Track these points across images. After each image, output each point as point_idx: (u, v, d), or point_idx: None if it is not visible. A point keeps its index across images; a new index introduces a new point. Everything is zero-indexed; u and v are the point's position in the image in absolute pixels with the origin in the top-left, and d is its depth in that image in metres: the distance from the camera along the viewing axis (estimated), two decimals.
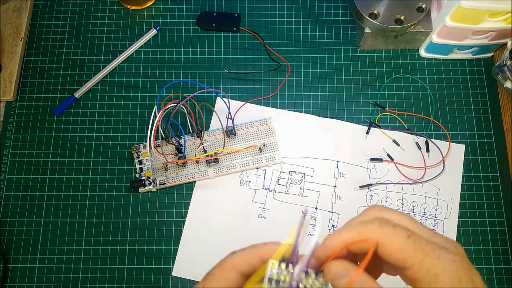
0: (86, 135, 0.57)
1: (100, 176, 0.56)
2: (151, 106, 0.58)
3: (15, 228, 0.54)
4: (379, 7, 0.54)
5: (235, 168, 0.54)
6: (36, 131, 0.58)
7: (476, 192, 0.54)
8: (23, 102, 0.59)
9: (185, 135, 0.55)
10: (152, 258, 0.53)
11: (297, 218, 0.58)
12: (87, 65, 0.60)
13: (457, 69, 0.59)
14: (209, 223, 0.53)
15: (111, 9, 0.63)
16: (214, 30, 0.61)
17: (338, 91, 0.58)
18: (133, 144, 0.56)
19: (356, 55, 0.60)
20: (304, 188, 0.54)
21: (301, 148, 0.56)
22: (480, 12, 0.48)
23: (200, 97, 0.58)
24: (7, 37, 0.60)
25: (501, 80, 0.54)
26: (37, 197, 0.55)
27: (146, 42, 0.61)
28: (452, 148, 0.55)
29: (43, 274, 0.52)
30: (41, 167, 0.56)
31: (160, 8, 0.63)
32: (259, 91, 0.59)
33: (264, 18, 0.62)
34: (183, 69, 0.60)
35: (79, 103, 0.59)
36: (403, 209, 0.53)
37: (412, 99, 0.58)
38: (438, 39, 0.55)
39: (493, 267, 0.52)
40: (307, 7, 0.62)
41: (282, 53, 0.60)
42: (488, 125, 0.57)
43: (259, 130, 0.56)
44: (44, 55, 0.61)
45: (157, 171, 0.54)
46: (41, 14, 0.62)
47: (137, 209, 0.54)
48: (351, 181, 0.54)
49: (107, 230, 0.54)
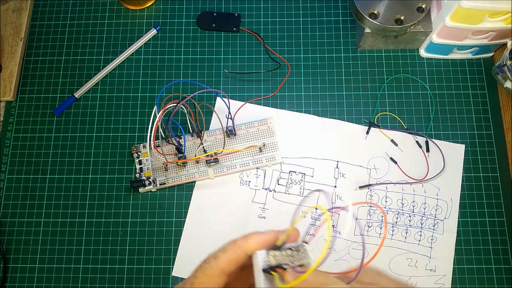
0: (86, 135, 0.57)
1: (100, 176, 0.56)
2: (151, 106, 0.58)
3: (15, 228, 0.54)
4: (379, 7, 0.54)
5: (235, 168, 0.54)
6: (36, 131, 0.57)
7: (476, 192, 0.54)
8: (23, 102, 0.59)
9: (185, 135, 0.55)
10: (152, 258, 0.53)
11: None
12: (87, 65, 0.60)
13: (457, 69, 0.59)
14: (209, 223, 0.53)
15: (111, 9, 0.63)
16: (214, 30, 0.61)
17: (338, 91, 0.58)
18: (133, 144, 0.56)
19: (356, 55, 0.60)
20: (304, 188, 0.54)
21: (301, 148, 0.56)
22: (480, 12, 0.48)
23: (200, 97, 0.58)
24: (7, 37, 0.60)
25: (501, 80, 0.54)
26: (37, 197, 0.55)
27: (146, 42, 0.61)
28: (452, 148, 0.55)
29: (43, 274, 0.52)
30: (41, 167, 0.56)
31: (160, 8, 0.63)
32: (259, 91, 0.59)
33: (264, 18, 0.62)
34: (183, 69, 0.60)
35: (79, 103, 0.59)
36: (403, 209, 0.53)
37: (412, 99, 0.58)
38: (438, 39, 0.55)
39: (493, 267, 0.52)
40: (307, 7, 0.62)
41: (282, 53, 0.60)
42: (488, 125, 0.57)
43: (259, 130, 0.56)
44: (44, 55, 0.61)
45: (157, 171, 0.54)
46: (41, 14, 0.62)
47: (137, 209, 0.54)
48: (351, 181, 0.54)
49: (107, 230, 0.54)
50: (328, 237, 0.24)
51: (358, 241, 0.52)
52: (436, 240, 0.52)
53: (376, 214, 0.53)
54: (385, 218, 0.49)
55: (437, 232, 0.53)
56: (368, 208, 0.53)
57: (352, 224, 0.47)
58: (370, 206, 0.53)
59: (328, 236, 0.23)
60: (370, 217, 0.53)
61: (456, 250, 0.52)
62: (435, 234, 0.53)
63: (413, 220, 0.53)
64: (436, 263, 0.52)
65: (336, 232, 0.53)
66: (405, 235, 0.53)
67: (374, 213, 0.53)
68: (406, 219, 0.53)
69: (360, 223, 0.52)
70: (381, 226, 0.53)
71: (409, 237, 0.53)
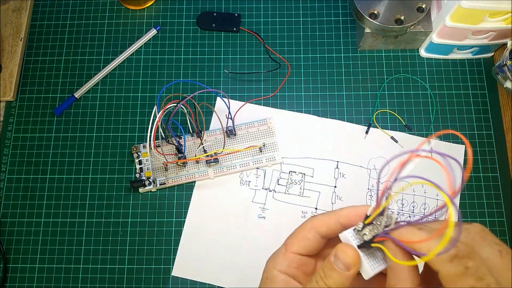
0: (86, 135, 0.57)
1: (100, 176, 0.56)
2: (151, 106, 0.58)
3: (15, 228, 0.54)
4: (379, 7, 0.54)
5: (235, 168, 0.54)
6: (36, 131, 0.58)
7: (476, 192, 0.54)
8: (23, 102, 0.59)
9: (185, 135, 0.55)
10: (152, 258, 0.53)
11: (297, 218, 0.58)
12: (87, 65, 0.60)
13: (457, 69, 0.59)
14: (209, 223, 0.53)
15: (111, 9, 0.63)
16: (214, 30, 0.61)
17: (338, 91, 0.58)
18: (133, 144, 0.56)
19: (356, 55, 0.60)
20: (304, 188, 0.54)
21: (301, 148, 0.56)
22: (480, 12, 0.48)
23: (200, 97, 0.58)
24: (7, 37, 0.60)
25: (501, 80, 0.54)
26: (37, 197, 0.55)
27: (146, 42, 0.61)
28: (452, 148, 0.55)
29: (43, 274, 0.52)
30: (41, 167, 0.56)
31: (160, 8, 0.63)
32: (259, 91, 0.59)
33: (264, 18, 0.62)
34: (183, 69, 0.60)
35: (79, 103, 0.59)
36: (403, 209, 0.53)
37: (412, 99, 0.58)
38: (438, 39, 0.55)
39: None
40: (307, 7, 0.62)
41: (282, 53, 0.60)
42: (488, 125, 0.57)
43: (259, 130, 0.56)
44: (44, 55, 0.61)
45: (157, 171, 0.54)
46: (41, 14, 0.62)
47: (137, 209, 0.54)
48: (351, 181, 0.54)
49: (107, 230, 0.54)
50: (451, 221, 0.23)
51: None
52: None
53: None
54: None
55: None
56: None
57: None
58: None
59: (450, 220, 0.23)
60: None
61: None
62: None
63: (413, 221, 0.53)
64: None
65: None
66: None
67: None
68: (406, 220, 0.53)
69: None
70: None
71: None
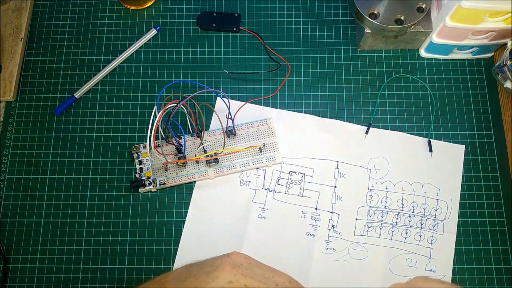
0: (86, 135, 0.57)
1: (100, 176, 0.56)
2: (151, 106, 0.58)
3: (15, 228, 0.54)
4: (379, 7, 0.54)
5: (235, 168, 0.54)
6: (36, 131, 0.58)
7: (476, 192, 0.54)
8: (23, 102, 0.59)
9: (185, 135, 0.55)
10: (152, 258, 0.53)
11: (297, 218, 0.58)
12: (87, 65, 0.60)
13: (457, 69, 0.59)
14: (209, 223, 0.53)
15: (111, 9, 0.63)
16: (214, 30, 0.61)
17: (338, 91, 0.58)
18: (133, 144, 0.56)
19: (356, 55, 0.60)
20: (304, 188, 0.54)
21: (301, 148, 0.56)
22: (480, 12, 0.48)
23: (200, 97, 0.58)
24: (7, 37, 0.60)
25: (501, 80, 0.54)
26: (37, 197, 0.55)
27: (146, 42, 0.61)
28: (452, 148, 0.55)
29: (43, 274, 0.52)
30: (41, 167, 0.56)
31: (160, 8, 0.63)
32: (259, 91, 0.59)
33: (264, 18, 0.62)
34: (183, 69, 0.60)
35: (79, 103, 0.59)
36: (403, 209, 0.53)
37: (412, 99, 0.58)
38: (438, 39, 0.55)
39: (493, 267, 0.52)
40: (307, 7, 0.62)
41: (282, 53, 0.60)
42: (488, 125, 0.57)
43: (259, 130, 0.56)
44: (44, 55, 0.61)
45: (157, 171, 0.54)
46: (41, 14, 0.62)
47: (137, 209, 0.54)
48: (351, 181, 0.54)
49: (107, 230, 0.54)
50: None
51: (359, 241, 0.52)
52: (436, 241, 0.52)
53: (376, 215, 0.53)
54: None
55: (437, 232, 0.53)
56: (368, 209, 0.53)
57: None
58: (370, 206, 0.53)
59: None
60: (370, 218, 0.53)
61: (456, 251, 0.52)
62: (435, 234, 0.53)
63: (413, 221, 0.53)
64: (436, 264, 0.52)
65: (336, 232, 0.53)
66: (405, 236, 0.53)
67: (374, 214, 0.53)
68: (406, 220, 0.53)
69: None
70: (381, 227, 0.53)
71: (409, 237, 0.53)
